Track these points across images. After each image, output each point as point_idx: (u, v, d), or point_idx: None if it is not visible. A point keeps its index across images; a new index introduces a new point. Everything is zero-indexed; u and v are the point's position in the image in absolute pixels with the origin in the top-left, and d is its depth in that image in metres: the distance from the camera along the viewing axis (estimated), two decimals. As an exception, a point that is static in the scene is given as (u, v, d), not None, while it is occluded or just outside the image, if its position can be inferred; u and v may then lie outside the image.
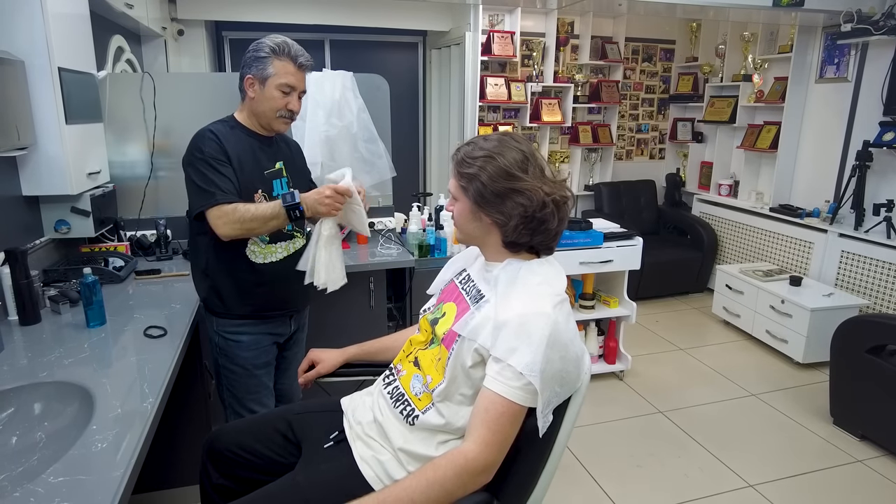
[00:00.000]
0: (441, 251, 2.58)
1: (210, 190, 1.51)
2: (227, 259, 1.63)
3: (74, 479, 0.97)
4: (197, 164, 1.54)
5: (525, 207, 1.12)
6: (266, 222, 1.51)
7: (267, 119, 1.65)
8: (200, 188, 1.52)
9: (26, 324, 1.62)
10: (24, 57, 1.75)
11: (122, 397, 1.24)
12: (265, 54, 1.58)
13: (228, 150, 1.58)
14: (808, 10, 3.45)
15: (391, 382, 1.27)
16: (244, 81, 1.62)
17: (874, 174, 3.44)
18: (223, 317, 1.69)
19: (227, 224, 1.50)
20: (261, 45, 1.60)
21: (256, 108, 1.64)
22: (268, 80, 1.59)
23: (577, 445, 2.53)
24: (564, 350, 1.08)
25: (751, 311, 3.66)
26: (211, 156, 1.54)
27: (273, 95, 1.60)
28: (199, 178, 1.53)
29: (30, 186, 1.89)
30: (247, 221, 1.50)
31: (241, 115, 1.68)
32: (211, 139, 1.57)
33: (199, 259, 1.68)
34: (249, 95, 1.63)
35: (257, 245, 1.65)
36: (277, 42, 1.59)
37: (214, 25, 4.35)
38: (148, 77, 2.41)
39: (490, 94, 4.22)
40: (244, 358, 1.71)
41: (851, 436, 2.64)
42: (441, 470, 1.03)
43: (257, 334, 1.72)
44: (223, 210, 1.50)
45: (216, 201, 1.50)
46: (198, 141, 1.58)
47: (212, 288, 1.67)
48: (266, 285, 1.68)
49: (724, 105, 4.51)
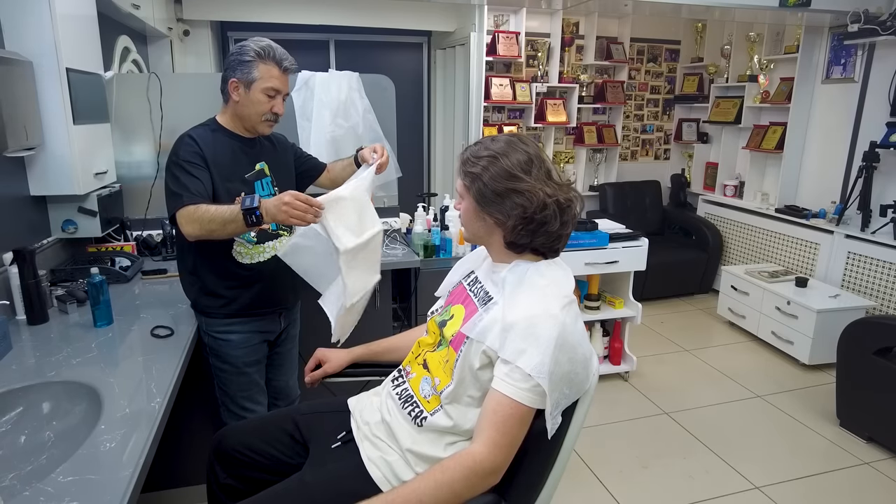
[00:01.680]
0: (446, 251, 2.58)
1: (179, 192, 1.50)
2: (213, 260, 1.64)
3: (83, 479, 0.97)
4: (172, 168, 1.54)
5: (524, 208, 1.11)
6: (224, 225, 1.45)
7: (252, 122, 1.64)
8: (172, 191, 1.52)
9: (34, 323, 1.62)
10: (33, 58, 1.76)
11: (129, 397, 1.24)
12: (250, 58, 1.56)
13: (206, 154, 1.57)
14: (815, 10, 3.44)
15: (400, 384, 1.27)
16: (228, 85, 1.60)
17: (881, 175, 3.43)
18: (212, 316, 1.69)
19: (189, 223, 1.47)
20: (245, 49, 1.57)
21: (241, 112, 1.63)
22: (253, 83, 1.57)
23: (582, 446, 2.53)
24: (573, 351, 1.08)
25: (756, 312, 3.65)
26: (185, 159, 1.54)
27: (258, 99, 1.59)
28: (172, 181, 1.53)
29: (37, 186, 1.90)
30: (205, 222, 1.46)
31: (224, 118, 1.67)
32: (188, 143, 1.57)
33: (185, 261, 1.68)
34: (234, 99, 1.61)
35: (243, 246, 1.65)
36: (262, 45, 1.57)
37: (220, 26, 4.36)
38: (154, 77, 2.42)
39: (495, 94, 4.22)
40: (234, 356, 1.72)
41: (858, 438, 2.63)
42: (449, 471, 1.03)
43: (247, 333, 1.72)
44: (188, 210, 1.47)
45: (183, 203, 1.48)
46: (176, 145, 1.58)
47: (200, 289, 1.67)
48: (255, 285, 1.68)
49: (730, 105, 4.50)
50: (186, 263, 1.68)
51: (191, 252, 1.64)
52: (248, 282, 1.67)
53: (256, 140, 1.72)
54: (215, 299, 1.67)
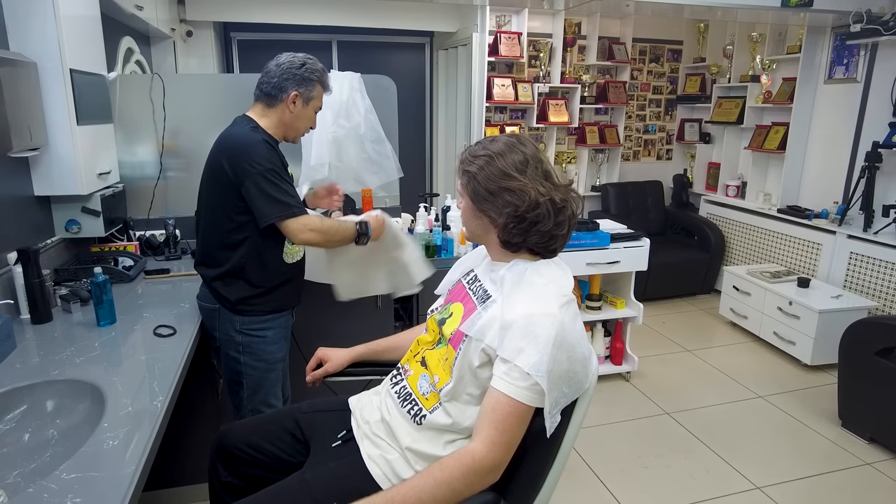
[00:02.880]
0: (448, 251, 2.59)
1: (286, 201, 1.59)
2: (266, 260, 1.70)
3: (86, 476, 0.98)
4: (267, 175, 1.58)
5: (516, 206, 1.12)
6: (342, 240, 1.72)
7: (295, 134, 1.76)
8: (276, 199, 1.58)
9: (38, 322, 1.64)
10: (37, 59, 1.77)
11: (132, 395, 1.25)
12: (315, 78, 1.70)
13: (282, 159, 1.68)
14: (817, 10, 3.44)
15: (398, 382, 1.28)
16: (287, 94, 1.67)
17: (883, 175, 3.42)
18: (250, 314, 1.72)
19: (311, 232, 1.61)
20: (310, 68, 1.69)
21: (291, 122, 1.71)
22: (310, 101, 1.71)
23: (583, 446, 2.53)
24: (571, 350, 1.08)
25: (758, 312, 3.64)
26: (277, 167, 1.62)
27: (310, 116, 1.75)
28: (272, 188, 1.58)
29: (41, 187, 1.91)
30: (330, 234, 1.67)
31: (266, 122, 1.70)
32: (270, 149, 1.64)
33: (229, 262, 1.68)
34: (289, 109, 1.69)
35: (291, 247, 1.75)
36: (320, 68, 1.72)
37: (223, 27, 4.37)
38: (157, 78, 2.43)
39: (497, 94, 4.22)
40: (269, 352, 1.77)
41: (860, 438, 2.63)
42: (448, 469, 1.04)
43: (278, 328, 1.79)
44: (308, 220, 1.62)
45: (293, 213, 1.59)
46: (257, 149, 1.60)
47: (245, 287, 1.70)
48: (291, 281, 1.80)
49: (732, 106, 4.50)
50: (229, 265, 1.69)
51: (242, 254, 1.67)
52: (287, 279, 1.78)
53: None
54: (260, 297, 1.72)
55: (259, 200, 1.58)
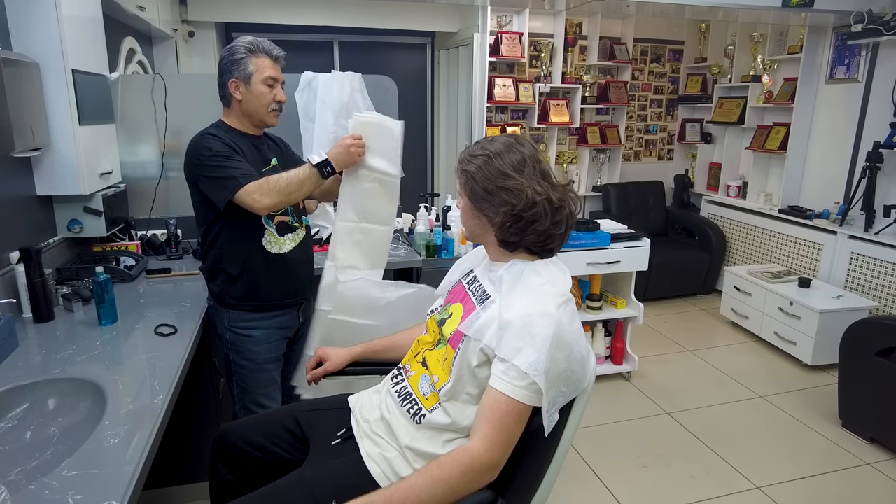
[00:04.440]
0: (448, 251, 2.59)
1: (231, 176, 1.56)
2: (243, 250, 1.68)
3: (87, 473, 0.99)
4: (207, 162, 1.58)
5: (512, 205, 1.13)
6: (301, 185, 1.60)
7: (260, 116, 1.70)
8: (219, 179, 1.57)
9: (40, 321, 1.64)
10: (39, 59, 1.78)
11: (133, 394, 1.26)
12: (242, 55, 1.64)
13: (233, 146, 1.64)
14: (818, 10, 3.43)
15: (399, 382, 1.29)
16: (228, 87, 1.66)
17: (885, 175, 3.42)
18: (235, 310, 1.72)
19: (266, 195, 1.55)
20: (235, 49, 1.65)
21: (247, 109, 1.69)
22: (251, 77, 1.65)
23: (583, 446, 2.54)
24: (569, 350, 1.09)
25: (759, 312, 3.64)
26: (218, 152, 1.59)
27: (261, 91, 1.66)
28: (214, 171, 1.57)
29: (44, 186, 1.92)
30: (283, 188, 1.57)
31: (230, 120, 1.72)
32: (213, 139, 1.62)
33: (212, 253, 1.71)
34: (237, 98, 1.67)
35: (272, 236, 1.71)
36: (249, 41, 1.66)
37: (224, 27, 4.38)
38: (159, 78, 2.44)
39: (498, 94, 4.23)
40: (256, 353, 1.75)
41: (860, 438, 2.63)
42: (447, 468, 1.04)
43: (269, 329, 1.76)
44: (256, 185, 1.55)
45: (240, 183, 1.54)
46: (199, 145, 1.61)
47: (226, 280, 1.70)
48: (279, 275, 1.74)
49: (733, 106, 4.49)
50: (213, 256, 1.71)
51: (220, 244, 1.69)
52: (274, 273, 1.73)
53: (263, 139, 1.79)
54: (243, 289, 1.70)
55: (207, 186, 1.60)
